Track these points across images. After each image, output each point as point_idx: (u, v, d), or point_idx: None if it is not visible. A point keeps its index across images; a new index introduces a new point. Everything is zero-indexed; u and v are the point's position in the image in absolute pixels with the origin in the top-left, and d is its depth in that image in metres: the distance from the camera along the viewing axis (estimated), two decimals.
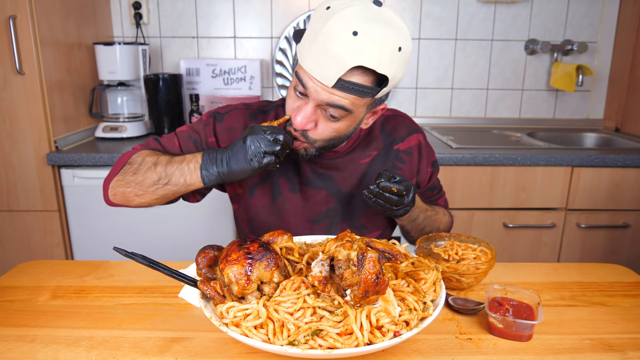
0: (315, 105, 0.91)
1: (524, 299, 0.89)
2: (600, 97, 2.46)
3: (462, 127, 2.42)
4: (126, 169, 1.00)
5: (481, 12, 2.35)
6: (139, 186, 0.98)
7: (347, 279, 0.71)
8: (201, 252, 0.85)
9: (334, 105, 0.89)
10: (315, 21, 0.87)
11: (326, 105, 0.90)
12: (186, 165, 0.95)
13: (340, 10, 0.84)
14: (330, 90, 0.87)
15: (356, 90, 0.87)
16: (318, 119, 0.93)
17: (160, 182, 0.96)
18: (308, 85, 0.89)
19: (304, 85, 0.89)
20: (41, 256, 1.88)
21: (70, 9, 1.92)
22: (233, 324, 0.74)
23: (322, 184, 1.11)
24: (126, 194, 1.00)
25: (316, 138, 0.96)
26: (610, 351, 0.80)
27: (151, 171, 0.97)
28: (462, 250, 1.04)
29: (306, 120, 0.92)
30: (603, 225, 1.94)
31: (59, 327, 0.85)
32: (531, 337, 0.83)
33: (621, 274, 1.09)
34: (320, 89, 0.88)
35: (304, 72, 0.89)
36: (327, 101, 0.89)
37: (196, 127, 1.10)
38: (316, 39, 0.85)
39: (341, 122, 0.94)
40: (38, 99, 1.75)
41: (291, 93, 0.96)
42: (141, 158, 1.00)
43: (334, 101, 0.88)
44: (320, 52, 0.85)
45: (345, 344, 0.70)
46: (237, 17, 2.32)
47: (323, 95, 0.88)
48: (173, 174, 0.96)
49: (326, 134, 0.96)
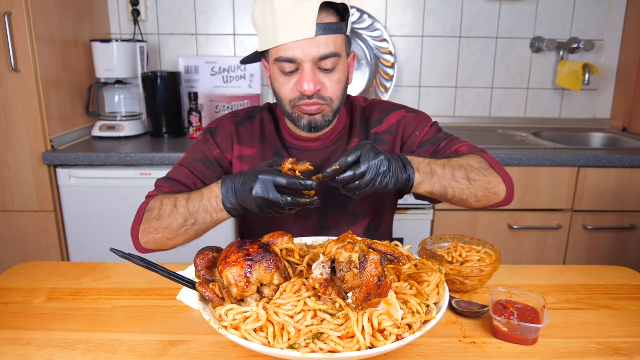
0: (311, 68, 0.96)
1: (529, 301, 0.87)
2: (607, 96, 2.44)
3: (466, 126, 2.40)
4: (147, 216, 1.00)
5: (486, 9, 2.32)
6: (167, 231, 0.98)
7: (349, 282, 0.70)
8: (200, 254, 0.85)
9: (326, 56, 0.95)
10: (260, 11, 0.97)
11: (319, 61, 0.95)
12: (207, 201, 0.95)
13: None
14: (315, 42, 0.93)
15: (332, 28, 0.95)
16: (320, 79, 0.98)
17: (187, 223, 0.97)
18: (296, 55, 0.94)
19: (291, 59, 0.95)
20: (36, 257, 1.87)
21: (67, 5, 1.91)
22: (232, 327, 0.73)
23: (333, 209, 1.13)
24: (157, 239, 1.00)
25: (330, 95, 1.00)
26: (616, 355, 0.79)
27: (174, 214, 0.97)
28: (466, 252, 1.03)
29: (313, 81, 0.96)
30: (609, 227, 1.92)
31: (54, 329, 0.84)
32: (536, 341, 0.81)
33: (628, 277, 1.08)
34: (307, 48, 0.94)
35: (284, 49, 0.95)
36: (318, 55, 0.94)
37: (197, 149, 1.13)
38: (275, 16, 0.92)
39: (338, 71, 0.99)
40: (33, 96, 1.73)
41: (280, 80, 0.99)
42: (159, 202, 1.00)
43: (324, 52, 0.95)
44: (285, 20, 0.92)
45: (347, 347, 0.69)
46: (236, 14, 2.30)
47: (313, 51, 0.94)
48: (198, 212, 0.96)
49: (334, 88, 1.00)
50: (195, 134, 2.07)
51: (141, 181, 1.82)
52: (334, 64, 0.97)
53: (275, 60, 0.97)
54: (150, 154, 1.79)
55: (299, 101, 0.99)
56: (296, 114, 1.02)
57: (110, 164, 1.80)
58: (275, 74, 1.00)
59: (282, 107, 1.04)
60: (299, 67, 0.96)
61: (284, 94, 1.01)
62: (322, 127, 1.03)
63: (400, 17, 2.33)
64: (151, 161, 1.79)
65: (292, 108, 1.01)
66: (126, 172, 1.81)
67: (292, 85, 0.98)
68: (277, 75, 1.00)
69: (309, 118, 1.01)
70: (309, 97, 0.98)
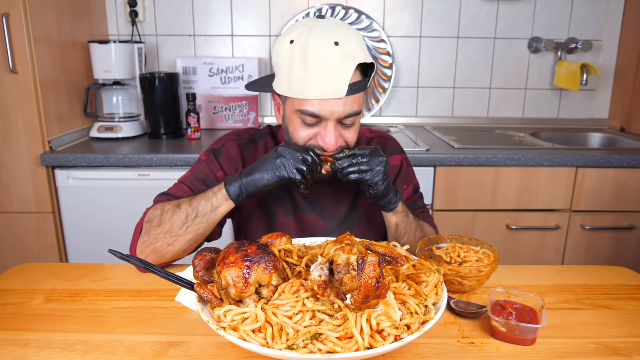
0: (334, 125, 0.96)
1: (527, 302, 0.87)
2: (605, 96, 2.44)
3: (464, 127, 2.40)
4: (147, 227, 1.00)
5: (484, 9, 2.33)
6: (169, 234, 0.98)
7: (347, 284, 0.70)
8: (198, 255, 0.85)
9: (351, 115, 0.95)
10: (287, 55, 0.93)
11: (343, 119, 0.95)
12: (210, 192, 0.97)
13: (307, 34, 0.91)
14: (342, 101, 0.93)
15: (360, 87, 0.95)
16: (340, 134, 0.98)
17: (188, 218, 0.97)
18: (323, 112, 0.93)
19: (316, 115, 0.94)
20: (35, 258, 1.87)
21: (65, 6, 1.91)
22: (230, 328, 0.73)
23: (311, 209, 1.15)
24: (157, 248, 0.99)
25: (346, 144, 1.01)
26: (615, 355, 0.79)
27: (177, 214, 0.97)
28: (464, 252, 1.03)
29: (336, 140, 0.96)
30: (608, 227, 1.93)
31: (53, 331, 0.84)
32: (535, 341, 0.82)
33: (626, 277, 1.08)
34: (335, 106, 0.93)
35: (310, 103, 0.93)
36: (345, 114, 0.94)
37: (200, 169, 1.12)
38: (307, 67, 0.90)
39: (355, 126, 1.00)
40: (31, 98, 1.73)
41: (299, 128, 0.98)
42: (159, 210, 1.00)
43: (349, 111, 0.94)
44: (318, 75, 0.90)
45: (345, 348, 0.69)
46: (234, 15, 2.31)
47: (339, 110, 0.93)
48: (199, 204, 0.97)
49: (351, 140, 1.01)
50: (194, 135, 2.06)
51: (139, 182, 1.82)
52: (354, 121, 0.98)
53: (298, 111, 0.95)
54: (148, 155, 1.79)
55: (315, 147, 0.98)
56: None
57: (109, 165, 1.80)
58: (294, 122, 0.98)
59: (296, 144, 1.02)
60: (322, 122, 0.96)
61: (299, 139, 0.99)
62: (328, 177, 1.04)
63: (398, 17, 2.33)
64: (149, 162, 1.79)
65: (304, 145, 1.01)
66: (124, 173, 1.81)
67: (310, 134, 0.97)
68: (297, 125, 0.98)
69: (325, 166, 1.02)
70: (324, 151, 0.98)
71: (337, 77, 0.90)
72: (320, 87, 0.90)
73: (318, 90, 0.91)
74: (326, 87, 0.90)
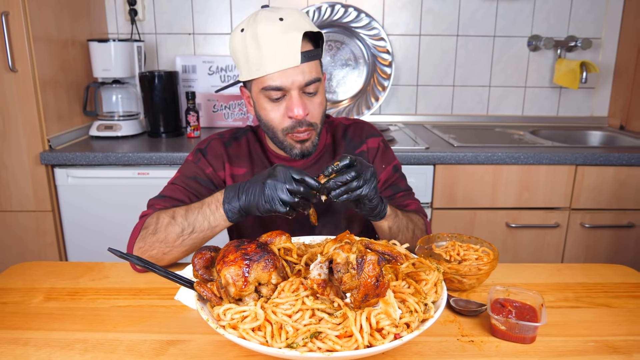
0: (298, 94, 1.01)
1: (527, 300, 0.87)
2: (605, 94, 2.44)
3: (464, 125, 2.40)
4: (143, 233, 1.01)
5: (483, 7, 2.33)
6: (164, 244, 0.98)
7: (347, 283, 0.70)
8: (198, 253, 0.85)
9: (310, 82, 1.01)
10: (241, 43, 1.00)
11: (304, 87, 1.01)
12: (207, 207, 0.96)
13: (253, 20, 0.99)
14: (300, 70, 0.99)
15: (313, 55, 1.01)
16: (306, 104, 1.03)
17: (184, 232, 0.97)
18: (284, 83, 0.99)
19: (279, 87, 1.00)
20: (34, 257, 1.87)
21: (64, 5, 1.90)
22: (230, 326, 0.73)
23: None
24: (153, 256, 1.00)
25: (315, 121, 1.06)
26: (615, 353, 0.79)
27: (172, 225, 0.98)
28: (464, 250, 1.03)
29: (302, 107, 1.01)
30: (607, 225, 1.93)
31: (52, 329, 0.84)
32: (534, 340, 0.82)
33: (626, 275, 1.08)
34: (293, 75, 0.99)
35: (271, 78, 0.99)
36: (304, 81, 1.00)
37: (189, 168, 1.15)
38: (260, 47, 0.97)
39: (319, 95, 1.05)
40: (31, 97, 1.73)
41: (268, 107, 1.04)
42: (155, 219, 1.00)
43: (308, 78, 1.00)
44: (271, 50, 0.97)
45: (345, 347, 0.69)
46: (234, 13, 2.30)
47: (299, 78, 0.99)
48: (196, 220, 0.97)
49: (318, 112, 1.06)
50: (193, 134, 2.06)
51: (139, 181, 1.82)
52: (316, 88, 1.03)
53: (262, 90, 1.01)
54: (148, 153, 1.79)
55: (292, 130, 1.04)
56: (288, 142, 1.06)
57: (108, 164, 1.80)
58: (262, 103, 1.04)
59: (274, 135, 1.07)
60: (286, 94, 1.01)
61: (275, 122, 1.05)
62: (311, 153, 1.09)
63: (398, 16, 2.33)
64: (149, 161, 1.79)
65: (284, 136, 1.06)
66: (124, 171, 1.81)
67: (281, 112, 1.03)
68: (264, 104, 1.03)
69: (300, 147, 1.06)
70: (300, 125, 1.03)
71: (289, 47, 0.97)
72: (275, 60, 0.97)
73: (275, 63, 0.97)
74: (281, 59, 0.97)
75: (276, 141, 1.09)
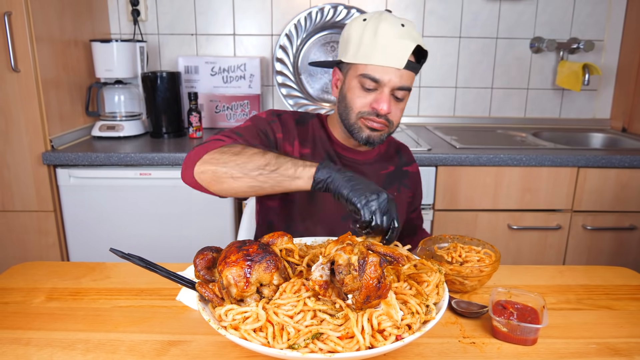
0: (389, 92, 1.08)
1: (529, 302, 0.87)
2: (607, 97, 2.44)
3: (466, 127, 2.40)
4: (225, 149, 0.95)
5: (486, 9, 2.32)
6: (240, 167, 0.92)
7: (348, 285, 0.70)
8: (199, 254, 0.85)
9: (403, 88, 1.08)
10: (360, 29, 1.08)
11: (396, 90, 1.08)
12: (300, 160, 0.92)
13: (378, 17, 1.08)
14: (400, 74, 1.07)
15: (415, 67, 1.09)
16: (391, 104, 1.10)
17: (267, 167, 0.91)
18: (383, 78, 1.06)
19: (377, 80, 1.07)
20: (36, 257, 1.87)
21: (66, 5, 1.91)
22: (232, 327, 0.73)
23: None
24: (219, 173, 0.93)
25: (393, 120, 1.12)
26: (616, 356, 0.79)
27: (259, 155, 0.93)
28: (466, 252, 1.03)
29: (388, 104, 1.08)
30: (609, 227, 1.92)
31: (54, 329, 0.84)
32: (536, 341, 0.81)
33: (628, 277, 1.08)
34: (393, 75, 1.06)
35: (373, 69, 1.06)
36: (399, 84, 1.07)
37: (262, 123, 1.16)
38: (377, 39, 1.05)
39: (404, 103, 1.13)
40: (33, 97, 1.73)
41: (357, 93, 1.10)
42: (244, 144, 0.99)
43: (404, 84, 1.08)
44: (384, 46, 1.05)
45: (346, 348, 0.69)
46: (236, 14, 2.30)
47: (396, 80, 1.07)
48: (285, 163, 0.91)
49: (397, 115, 1.13)
50: (196, 134, 2.07)
51: (141, 181, 1.82)
52: (404, 96, 1.11)
53: (360, 76, 1.08)
54: (150, 154, 1.79)
55: (368, 115, 1.10)
56: (358, 126, 1.12)
57: (110, 164, 1.80)
58: (354, 87, 1.10)
59: (346, 116, 1.13)
60: (379, 88, 1.08)
61: (357, 105, 1.11)
62: (376, 144, 1.15)
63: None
64: (151, 161, 1.79)
65: (357, 119, 1.12)
66: (126, 172, 1.81)
67: (367, 101, 1.09)
68: (356, 88, 1.10)
69: (369, 133, 1.12)
70: (379, 116, 1.09)
71: (400, 50, 1.05)
72: (384, 56, 1.05)
73: (382, 58, 1.05)
74: (389, 57, 1.05)
75: (347, 123, 1.13)
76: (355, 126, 1.13)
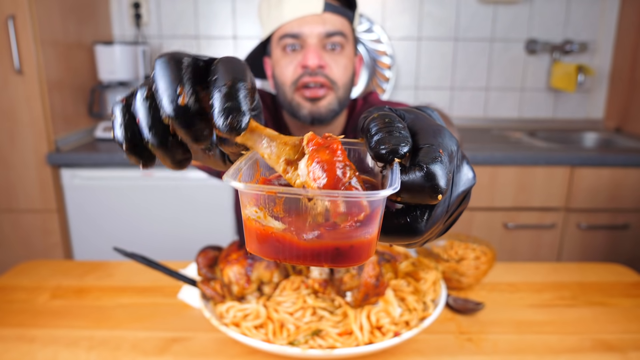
0: (317, 44, 0.93)
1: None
2: (601, 97, 2.46)
3: (462, 127, 2.42)
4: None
5: (481, 12, 2.35)
6: None
7: (347, 283, 0.71)
8: (201, 252, 0.86)
9: (332, 33, 0.92)
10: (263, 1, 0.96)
11: (325, 39, 0.93)
12: None
13: None
14: (322, 19, 0.91)
15: (339, 10, 0.93)
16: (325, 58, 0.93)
17: None
18: (301, 30, 0.92)
19: (296, 35, 0.92)
20: (41, 256, 1.88)
21: (70, 9, 1.92)
22: (233, 324, 0.74)
23: None
24: None
25: (335, 77, 0.94)
26: (610, 351, 0.80)
27: None
28: (462, 250, 1.04)
29: (317, 56, 0.92)
30: (603, 226, 1.94)
31: (58, 327, 0.85)
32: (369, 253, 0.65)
33: (621, 274, 1.09)
34: (313, 23, 0.91)
35: (289, 25, 0.92)
36: (325, 31, 0.92)
37: None
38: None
39: (344, 56, 0.95)
40: (37, 98, 1.75)
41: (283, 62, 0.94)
42: None
43: (330, 29, 0.92)
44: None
45: (345, 344, 0.70)
46: (237, 17, 2.32)
47: (319, 27, 0.91)
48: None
49: (339, 72, 0.94)
50: None
51: (143, 182, 1.84)
52: (340, 44, 0.94)
53: (280, 40, 0.93)
54: None
55: (302, 78, 0.92)
56: (296, 102, 0.94)
57: (113, 165, 1.81)
58: (278, 57, 0.95)
59: (283, 96, 0.96)
60: (304, 45, 0.92)
61: (285, 75, 0.94)
62: (325, 119, 0.95)
63: (398, 20, 2.35)
64: None
65: (292, 93, 0.94)
66: (129, 172, 1.83)
67: (295, 64, 0.93)
68: (280, 57, 0.94)
69: (310, 107, 0.94)
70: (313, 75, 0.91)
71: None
72: (295, 6, 0.91)
73: (294, 9, 0.91)
74: (301, 5, 0.90)
75: (286, 105, 0.97)
76: (293, 103, 0.95)
